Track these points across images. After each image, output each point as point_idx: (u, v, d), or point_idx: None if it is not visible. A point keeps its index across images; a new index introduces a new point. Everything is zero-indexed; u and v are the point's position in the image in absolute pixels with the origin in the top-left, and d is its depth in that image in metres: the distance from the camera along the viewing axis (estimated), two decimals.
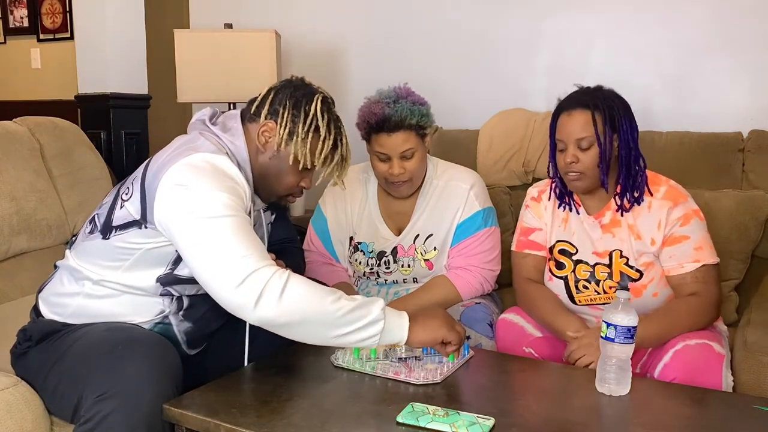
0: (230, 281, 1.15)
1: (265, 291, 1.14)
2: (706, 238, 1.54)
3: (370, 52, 2.94)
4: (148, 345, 1.22)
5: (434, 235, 1.83)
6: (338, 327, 1.19)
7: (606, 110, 1.51)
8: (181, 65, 2.63)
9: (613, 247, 1.57)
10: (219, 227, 1.19)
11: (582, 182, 1.55)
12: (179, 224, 1.22)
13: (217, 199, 1.21)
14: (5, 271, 1.98)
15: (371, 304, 1.23)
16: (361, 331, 1.20)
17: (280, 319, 1.16)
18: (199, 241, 1.19)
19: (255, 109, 1.39)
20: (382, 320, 1.22)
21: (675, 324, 1.46)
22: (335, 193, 1.94)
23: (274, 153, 1.37)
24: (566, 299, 1.62)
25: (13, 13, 4.38)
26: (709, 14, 2.31)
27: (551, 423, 1.15)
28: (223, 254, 1.17)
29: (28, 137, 2.13)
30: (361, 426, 1.12)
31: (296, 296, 1.16)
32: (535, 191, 1.74)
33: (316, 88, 1.42)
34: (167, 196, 1.23)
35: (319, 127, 1.36)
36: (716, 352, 1.41)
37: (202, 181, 1.22)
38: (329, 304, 1.18)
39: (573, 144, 1.52)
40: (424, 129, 1.76)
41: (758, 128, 2.17)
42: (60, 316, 1.38)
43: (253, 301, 1.14)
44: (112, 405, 1.12)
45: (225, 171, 1.27)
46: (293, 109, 1.36)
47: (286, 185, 1.41)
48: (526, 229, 1.71)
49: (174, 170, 1.24)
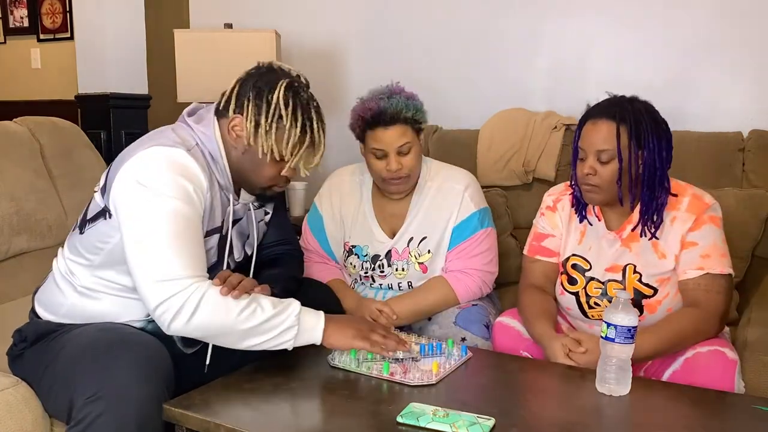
0: (152, 298, 1.21)
1: (180, 312, 1.20)
2: (717, 246, 1.46)
3: (370, 52, 2.93)
4: (139, 345, 1.22)
5: (428, 237, 1.83)
6: (251, 338, 1.25)
7: (633, 124, 1.42)
8: (181, 65, 2.63)
9: (627, 261, 1.52)
10: (158, 231, 1.22)
11: (596, 195, 1.48)
12: (124, 218, 1.25)
13: (164, 202, 1.23)
14: (5, 271, 1.98)
15: (284, 312, 1.27)
16: (275, 339, 1.26)
17: (194, 334, 1.24)
18: (136, 240, 1.23)
19: (224, 104, 1.37)
20: (296, 327, 1.27)
21: (673, 336, 1.39)
22: (332, 191, 1.93)
23: (245, 147, 1.35)
24: (579, 313, 1.59)
25: (13, 13, 4.38)
26: (710, 14, 2.31)
27: (551, 423, 1.15)
28: (153, 266, 1.21)
29: (28, 137, 2.13)
30: (362, 426, 1.12)
31: (207, 315, 1.21)
32: (550, 200, 1.69)
33: (283, 73, 1.37)
34: (121, 188, 1.27)
35: (282, 116, 1.31)
36: (729, 359, 1.36)
37: (154, 177, 1.24)
38: (242, 321, 1.23)
39: (593, 155, 1.45)
40: (419, 123, 1.75)
41: (758, 128, 2.18)
42: (54, 315, 1.39)
43: (167, 322, 1.21)
44: (102, 406, 1.12)
45: (180, 164, 1.26)
46: (256, 99, 1.33)
47: (265, 178, 1.38)
48: (539, 235, 1.68)
49: (131, 163, 1.27)
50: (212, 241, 1.39)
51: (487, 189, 2.14)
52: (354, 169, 1.95)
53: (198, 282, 1.22)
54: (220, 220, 1.40)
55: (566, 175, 2.17)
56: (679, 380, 1.36)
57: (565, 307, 1.63)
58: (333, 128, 3.01)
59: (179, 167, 1.26)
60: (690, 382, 1.33)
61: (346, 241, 1.90)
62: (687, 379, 1.35)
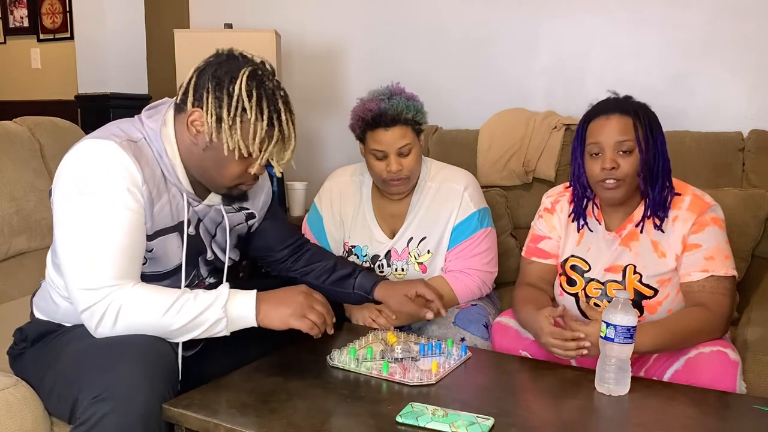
0: (77, 304, 1.21)
1: (103, 318, 1.20)
2: (720, 248, 1.45)
3: (370, 52, 2.94)
4: (143, 346, 1.21)
5: (428, 237, 1.83)
6: (183, 335, 1.25)
7: (645, 118, 1.45)
8: (181, 65, 2.63)
9: (627, 262, 1.51)
10: (83, 236, 1.20)
11: (618, 191, 1.46)
12: (54, 218, 1.24)
13: (91, 202, 1.19)
14: (5, 271, 1.98)
15: (210, 307, 1.24)
16: (207, 332, 1.25)
17: (121, 334, 1.21)
18: (62, 245, 1.22)
19: (181, 97, 1.26)
20: (224, 318, 1.24)
21: (675, 334, 1.38)
22: (332, 191, 1.93)
23: (207, 143, 1.24)
24: (578, 314, 1.58)
25: (13, 13, 4.38)
26: (709, 14, 2.31)
27: (551, 423, 1.15)
28: (77, 273, 1.20)
29: (28, 137, 2.13)
30: (361, 426, 1.12)
31: (131, 319, 1.20)
32: (548, 202, 1.68)
33: (245, 60, 1.26)
34: (54, 183, 1.25)
35: (246, 109, 1.20)
36: (731, 359, 1.34)
37: (80, 172, 1.20)
38: (168, 322, 1.21)
39: (611, 148, 1.43)
40: (420, 125, 1.75)
41: (758, 128, 2.17)
42: (52, 318, 1.39)
43: (92, 328, 1.21)
44: (108, 407, 1.11)
45: (107, 158, 1.20)
46: (216, 91, 1.21)
47: (230, 176, 1.28)
48: (536, 237, 1.68)
49: (65, 157, 1.24)
50: (169, 242, 1.32)
51: (487, 189, 2.14)
52: (354, 169, 1.95)
53: (120, 287, 1.20)
54: (176, 219, 1.32)
55: (566, 175, 2.17)
56: (680, 380, 1.36)
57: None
58: (333, 128, 3.05)
59: (107, 161, 1.20)
60: (691, 382, 1.33)
61: (345, 242, 1.90)
62: (688, 379, 1.35)
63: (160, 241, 1.31)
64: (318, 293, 1.37)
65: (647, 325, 1.37)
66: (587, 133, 1.49)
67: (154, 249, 1.31)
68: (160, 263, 1.34)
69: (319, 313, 1.31)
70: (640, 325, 1.30)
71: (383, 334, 1.52)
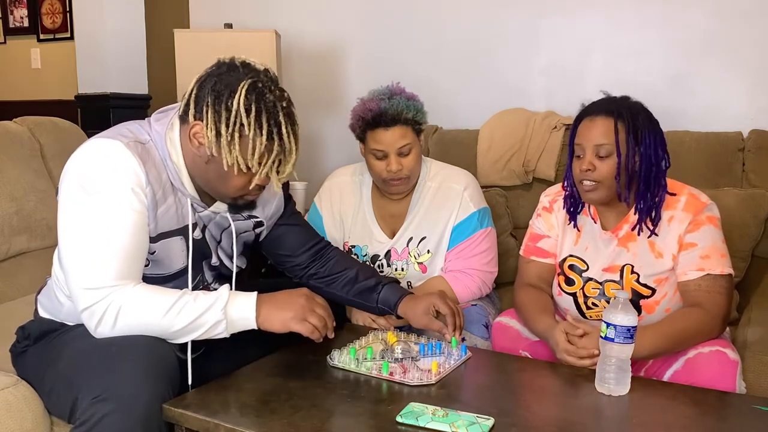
0: (78, 303, 1.21)
1: (102, 319, 1.20)
2: (716, 247, 1.45)
3: (370, 52, 2.94)
4: (145, 346, 1.21)
5: (428, 237, 1.83)
6: (183, 336, 1.25)
7: (630, 121, 1.43)
8: (181, 65, 2.63)
9: (625, 262, 1.51)
10: (85, 234, 1.20)
11: (596, 193, 1.47)
12: (58, 216, 1.25)
13: (94, 201, 1.20)
14: (5, 271, 1.98)
15: (210, 309, 1.24)
16: (207, 333, 1.25)
17: (121, 335, 1.21)
18: (65, 243, 1.23)
19: (184, 108, 1.26)
20: (224, 320, 1.25)
21: (673, 338, 1.37)
22: (332, 191, 1.93)
23: (209, 157, 1.23)
24: (576, 314, 1.58)
25: (13, 13, 4.39)
26: (709, 14, 2.31)
27: (551, 423, 1.15)
28: (78, 272, 1.20)
29: (28, 137, 2.14)
30: (361, 426, 1.12)
31: (131, 319, 1.21)
32: (546, 201, 1.69)
33: (246, 71, 1.23)
34: (60, 181, 1.25)
35: (244, 124, 1.18)
36: (731, 359, 1.35)
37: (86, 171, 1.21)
38: (168, 323, 1.22)
39: (591, 150, 1.45)
40: (420, 125, 1.76)
41: (758, 128, 2.18)
42: (56, 317, 1.39)
43: (92, 327, 1.21)
44: (108, 407, 1.11)
45: (113, 157, 1.20)
46: (215, 105, 1.20)
47: (233, 188, 1.28)
48: (535, 236, 1.68)
49: (72, 156, 1.24)
50: (172, 244, 1.32)
51: (487, 189, 2.14)
52: (354, 169, 1.95)
53: (121, 287, 1.20)
54: (180, 222, 1.32)
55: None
56: (680, 380, 1.36)
57: (563, 308, 1.63)
58: (333, 128, 3.05)
59: (112, 160, 1.20)
60: (691, 382, 1.33)
61: (345, 241, 1.91)
62: (688, 379, 1.35)
63: (162, 244, 1.31)
64: (319, 296, 1.37)
65: (644, 330, 1.35)
66: (575, 133, 1.51)
67: (157, 251, 1.31)
68: (162, 266, 1.33)
69: (320, 316, 1.31)
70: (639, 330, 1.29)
71: (383, 334, 1.52)
